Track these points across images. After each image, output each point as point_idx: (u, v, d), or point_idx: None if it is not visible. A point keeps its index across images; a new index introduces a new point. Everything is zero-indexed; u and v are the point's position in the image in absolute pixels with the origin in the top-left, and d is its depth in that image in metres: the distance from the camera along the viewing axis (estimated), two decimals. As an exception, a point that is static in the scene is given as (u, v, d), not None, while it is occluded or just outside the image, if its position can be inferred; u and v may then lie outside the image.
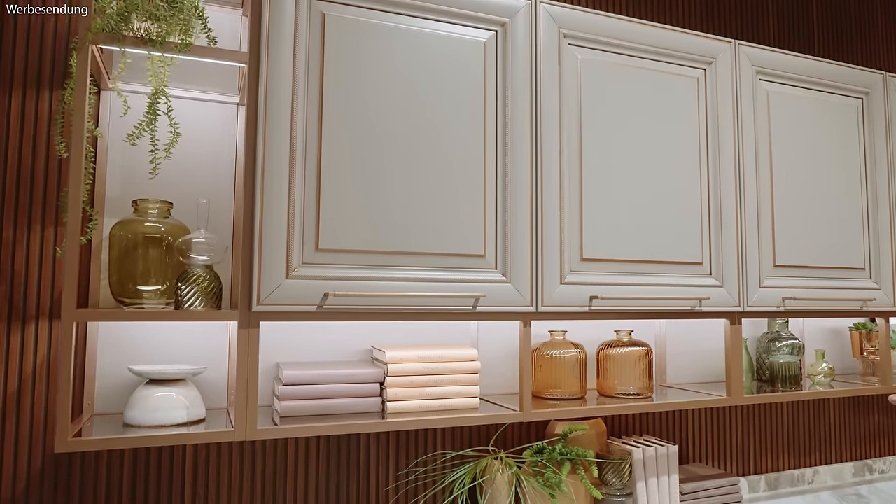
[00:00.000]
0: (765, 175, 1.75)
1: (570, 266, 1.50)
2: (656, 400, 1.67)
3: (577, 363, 1.68)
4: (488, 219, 1.43)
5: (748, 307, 1.69)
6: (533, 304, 1.45)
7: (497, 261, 1.44)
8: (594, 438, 1.75)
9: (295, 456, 1.55)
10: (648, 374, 1.71)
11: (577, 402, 1.65)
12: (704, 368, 2.03)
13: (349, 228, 1.31)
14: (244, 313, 1.24)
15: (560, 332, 1.72)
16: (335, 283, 1.28)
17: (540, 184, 1.48)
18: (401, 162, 1.36)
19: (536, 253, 1.46)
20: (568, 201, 1.50)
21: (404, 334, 1.67)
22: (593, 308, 1.51)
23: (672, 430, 1.97)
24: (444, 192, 1.39)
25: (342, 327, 1.62)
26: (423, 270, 1.37)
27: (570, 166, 1.52)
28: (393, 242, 1.34)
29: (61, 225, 1.41)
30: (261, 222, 1.24)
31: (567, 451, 1.62)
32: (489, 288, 1.41)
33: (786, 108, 1.81)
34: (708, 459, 2.02)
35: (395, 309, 1.33)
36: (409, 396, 1.45)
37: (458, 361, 1.50)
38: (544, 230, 1.47)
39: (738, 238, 1.69)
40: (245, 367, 1.23)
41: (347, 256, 1.31)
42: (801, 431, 2.18)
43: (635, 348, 1.71)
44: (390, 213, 1.34)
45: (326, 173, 1.30)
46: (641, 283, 1.56)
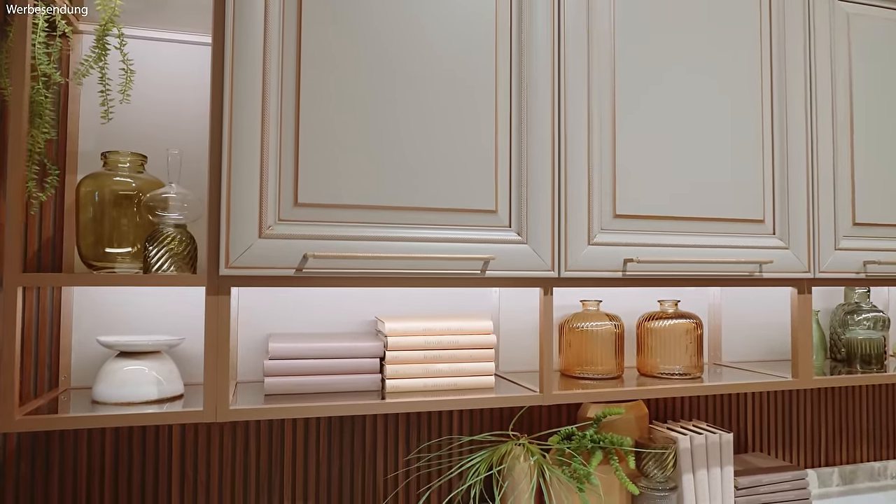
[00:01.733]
0: (843, 115, 1.46)
1: (601, 223, 1.27)
2: (707, 381, 1.43)
3: (613, 337, 1.46)
4: (500, 167, 1.22)
5: (820, 273, 1.42)
6: (554, 268, 1.24)
7: (511, 217, 1.23)
8: (633, 423, 1.53)
9: (293, 436, 1.41)
10: (698, 351, 1.47)
11: (613, 381, 1.43)
12: (767, 345, 1.77)
13: (333, 180, 1.13)
14: (211, 278, 1.08)
15: (593, 302, 1.50)
16: (316, 244, 1.11)
17: (563, 122, 1.25)
18: (391, 97, 1.16)
19: (558, 208, 1.24)
20: (598, 145, 1.27)
21: (419, 302, 1.49)
22: (628, 273, 1.28)
23: (727, 414, 1.73)
24: (447, 134, 1.19)
25: (349, 295, 1.45)
26: (420, 229, 1.17)
27: (601, 102, 1.28)
28: (384, 196, 1.15)
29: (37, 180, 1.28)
30: (228, 172, 1.07)
31: (599, 437, 1.41)
32: (501, 249, 1.20)
33: (869, 34, 1.50)
34: (770, 449, 1.77)
35: (385, 273, 1.15)
36: (411, 374, 1.27)
37: (469, 334, 1.31)
38: (568, 181, 1.25)
39: (809, 190, 1.42)
40: (214, 340, 1.08)
41: (330, 212, 1.13)
42: (882, 418, 1.89)
43: (682, 321, 1.48)
44: (381, 163, 1.15)
45: (306, 113, 1.12)
46: (688, 244, 1.32)
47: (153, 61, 1.36)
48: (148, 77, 1.35)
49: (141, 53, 1.35)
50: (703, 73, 1.35)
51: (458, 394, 1.25)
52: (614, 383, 1.41)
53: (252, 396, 1.22)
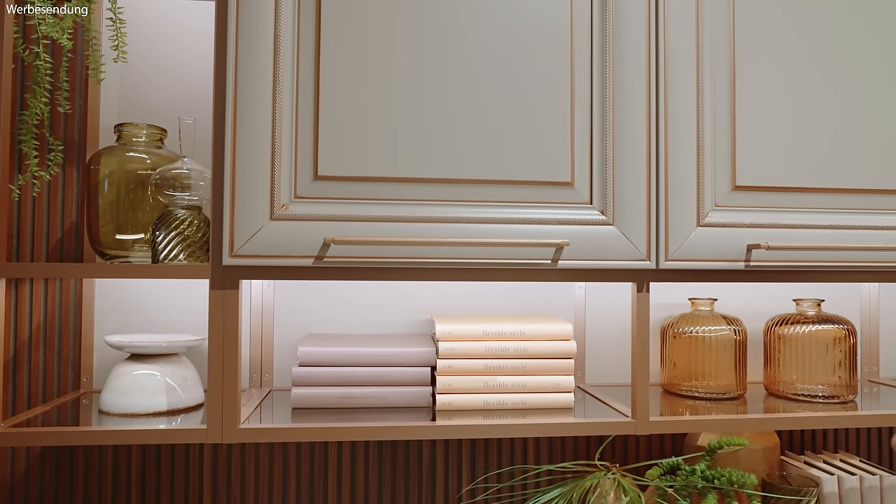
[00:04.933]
0: None
1: (715, 198, 0.97)
2: (863, 405, 1.09)
3: (733, 346, 1.15)
4: (578, 126, 0.94)
5: None
6: (651, 258, 0.95)
7: (592, 191, 0.95)
8: (759, 456, 1.20)
9: (338, 457, 1.20)
10: (850, 367, 1.12)
11: (732, 402, 1.12)
12: (943, 358, 1.37)
13: (362, 147, 0.90)
14: (215, 268, 0.89)
15: (707, 301, 1.19)
16: (340, 226, 0.89)
17: (662, 64, 0.95)
18: (435, 38, 0.92)
19: (656, 180, 0.95)
20: (710, 96, 0.96)
21: (486, 298, 1.24)
22: (752, 263, 0.96)
23: (885, 445, 1.34)
24: (510, 87, 0.93)
25: (403, 289, 1.23)
26: (473, 207, 0.92)
27: (713, 34, 0.97)
28: (427, 166, 0.91)
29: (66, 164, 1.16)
30: (233, 139, 0.87)
31: (713, 474, 1.10)
32: (579, 232, 0.93)
33: None
34: (948, 491, 1.36)
35: (428, 263, 0.91)
36: (468, 388, 1.03)
37: (543, 340, 1.05)
38: (669, 142, 0.95)
39: None
40: (220, 343, 0.89)
41: (359, 187, 0.90)
42: None
43: (828, 326, 1.13)
44: (423, 124, 0.91)
45: (328, 62, 0.90)
46: (833, 223, 0.98)
47: (187, 19, 1.19)
48: (182, 40, 1.19)
49: (172, 16, 1.19)
50: (850, 17, 1.00)
51: (525, 415, 0.99)
52: (733, 405, 1.10)
53: (281, 410, 1.02)
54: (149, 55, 1.18)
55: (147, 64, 1.18)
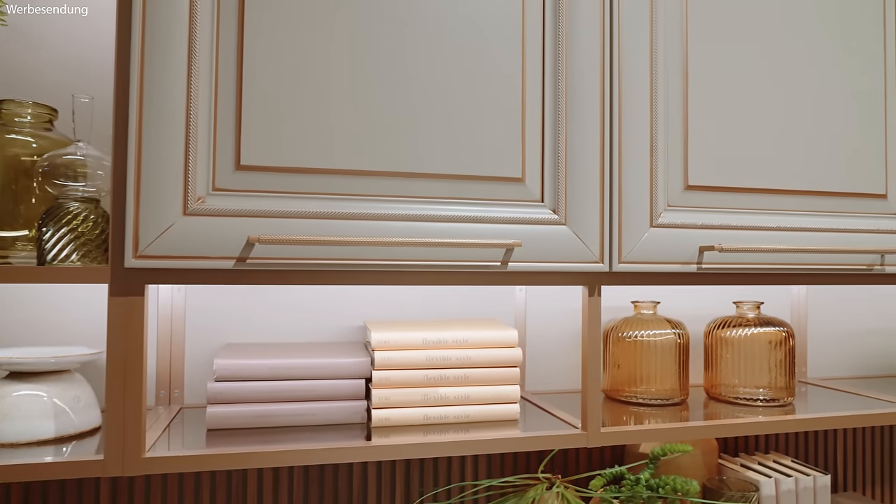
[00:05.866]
0: None
1: (668, 198, 0.93)
2: (800, 407, 1.08)
3: (676, 350, 1.12)
4: (529, 121, 0.88)
5: (960, 267, 1.05)
6: (604, 260, 0.89)
7: (544, 189, 0.88)
8: (700, 460, 1.19)
9: (258, 486, 1.09)
10: (788, 370, 1.12)
11: (675, 408, 1.09)
12: (863, 358, 1.41)
13: (293, 133, 0.79)
14: (115, 272, 0.76)
15: (650, 304, 1.16)
16: (266, 223, 0.78)
17: (616, 60, 0.90)
18: (384, 24, 0.83)
19: (610, 178, 0.90)
20: (663, 93, 0.92)
21: (423, 303, 1.16)
22: (705, 265, 0.93)
23: (812, 445, 1.37)
24: (459, 77, 0.85)
25: (334, 292, 1.12)
26: (417, 203, 0.84)
27: (667, 32, 0.93)
28: (369, 157, 0.82)
29: None
30: (138, 122, 0.74)
31: (659, 482, 1.07)
32: (531, 232, 0.86)
33: None
34: (866, 488, 1.41)
35: (370, 265, 0.82)
36: (407, 401, 0.94)
37: (487, 348, 0.98)
38: (623, 139, 0.90)
39: (947, 155, 1.05)
40: (120, 359, 0.76)
41: (289, 179, 0.80)
42: None
43: (768, 329, 1.12)
44: (365, 111, 0.82)
45: (254, 38, 0.78)
46: (783, 225, 0.97)
47: None
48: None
49: (57, -22, 1.03)
50: (799, 23, 0.99)
51: (469, 430, 0.92)
52: (676, 411, 1.07)
53: (194, 432, 0.90)
54: (36, 20, 1.02)
55: (34, 30, 1.02)
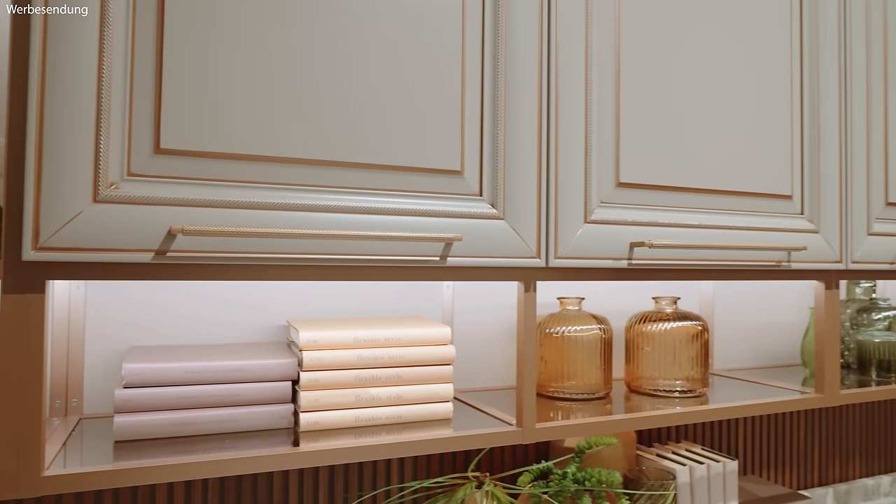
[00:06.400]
0: (877, 63, 1.19)
1: (600, 194, 0.94)
2: (710, 397, 1.14)
3: (601, 345, 1.14)
4: (469, 114, 0.86)
5: (852, 263, 1.14)
6: (541, 255, 0.89)
7: (482, 183, 0.87)
8: (620, 452, 1.22)
9: (168, 497, 1.00)
10: (703, 362, 1.17)
11: (600, 402, 1.11)
12: (765, 350, 1.50)
13: (218, 115, 0.73)
14: (9, 266, 0.66)
15: (575, 300, 1.17)
16: (188, 213, 0.71)
17: (554, 56, 0.90)
18: (317, 7, 0.78)
19: (547, 173, 0.90)
20: (597, 92, 0.93)
21: (347, 301, 1.11)
22: (635, 261, 0.95)
23: (717, 433, 1.44)
24: (398, 66, 0.81)
25: (251, 288, 1.05)
26: (352, 194, 0.79)
27: (601, 32, 0.94)
28: (299, 144, 0.77)
29: None
30: (40, 96, 0.65)
31: (585, 475, 1.08)
32: (469, 226, 0.85)
33: (904, -25, 1.24)
34: (762, 470, 1.50)
35: (299, 259, 0.76)
36: (338, 404, 0.90)
37: (419, 346, 0.95)
38: (560, 135, 0.90)
39: (842, 159, 1.14)
40: (15, 366, 0.66)
41: (214, 166, 0.73)
42: (874, 431, 1.67)
43: (685, 323, 1.17)
44: (298, 95, 0.76)
45: (173, 16, 0.71)
46: (706, 223, 1.01)
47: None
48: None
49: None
50: (723, 24, 1.03)
51: (402, 430, 0.89)
52: (600, 404, 1.09)
53: (98, 444, 0.81)
54: None
55: None
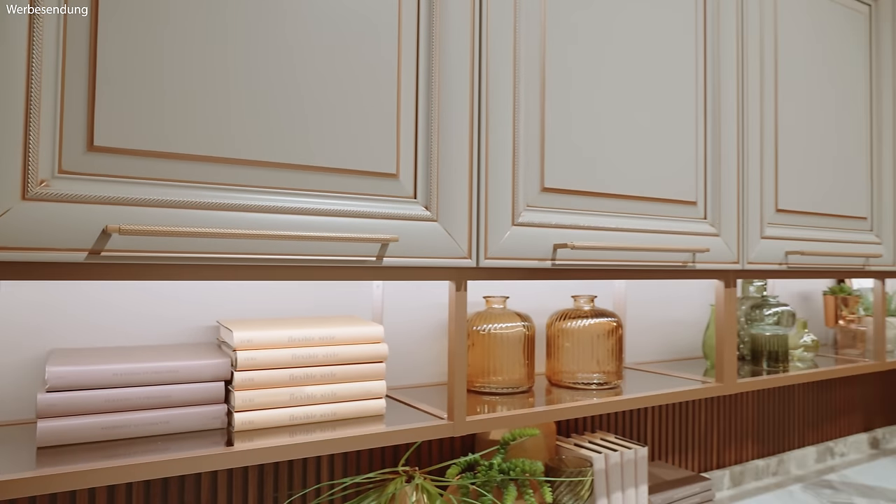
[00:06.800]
0: (769, 88, 1.32)
1: (527, 199, 0.99)
2: (623, 388, 1.22)
3: (524, 341, 1.20)
4: (404, 119, 0.89)
5: (748, 264, 1.26)
6: (472, 256, 0.93)
7: (417, 186, 0.90)
8: (542, 443, 1.28)
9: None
10: (618, 356, 1.25)
11: (523, 395, 1.16)
12: (665, 343, 1.62)
13: (153, 114, 0.72)
14: (-71, 264, 0.63)
15: (500, 299, 1.23)
16: (121, 211, 0.70)
17: (485, 63, 0.95)
18: (254, 9, 0.78)
19: (478, 177, 0.94)
20: (524, 102, 0.99)
21: (274, 301, 1.11)
22: (558, 261, 1.01)
23: (627, 422, 1.54)
24: (336, 71, 0.83)
25: (177, 290, 1.03)
26: (287, 195, 0.81)
27: (528, 41, 1.00)
28: (237, 145, 0.77)
29: None
30: (-37, 87, 0.63)
31: (509, 465, 1.14)
32: (404, 228, 0.88)
33: (792, 7, 1.37)
34: (667, 456, 1.62)
35: (237, 259, 0.77)
36: (273, 402, 0.90)
37: (353, 344, 0.97)
38: (490, 143, 0.95)
39: (740, 170, 1.25)
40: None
41: (148, 164, 0.73)
42: (766, 416, 1.83)
43: (602, 320, 1.25)
44: (235, 95, 0.77)
45: (108, 10, 0.70)
46: (621, 227, 1.08)
47: None
48: None
49: None
50: (639, 41, 1.11)
51: (336, 427, 0.90)
52: (524, 398, 1.15)
53: (16, 451, 0.78)
54: None
55: None
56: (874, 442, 2.12)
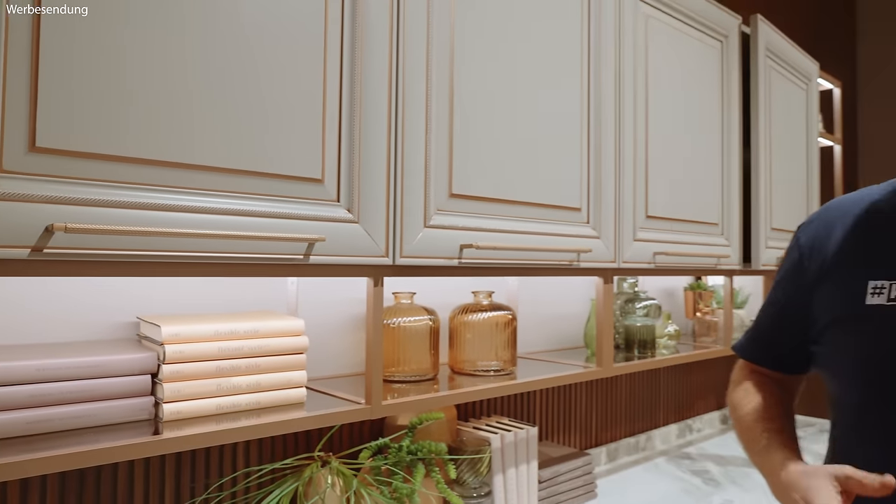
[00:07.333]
0: (641, 108, 1.51)
1: (437, 203, 1.10)
2: (518, 374, 1.36)
3: (430, 333, 1.31)
4: (329, 130, 0.97)
5: (623, 263, 1.44)
6: (389, 255, 1.03)
7: (340, 191, 0.98)
8: (444, 427, 1.40)
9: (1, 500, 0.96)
10: (512, 345, 1.39)
11: (429, 383, 1.27)
12: (552, 335, 1.79)
13: (95, 115, 0.76)
14: None
15: (407, 294, 1.33)
16: (67, 210, 0.73)
17: (401, 91, 1.04)
18: (181, 12, 0.83)
19: (395, 182, 1.04)
20: (435, 116, 1.09)
21: (189, 297, 1.15)
22: (464, 260, 1.13)
23: (518, 405, 1.70)
24: (268, 83, 0.90)
25: (88, 287, 1.04)
26: (224, 197, 0.87)
27: (439, 73, 1.11)
28: (174, 149, 0.82)
29: None
30: None
31: (417, 447, 1.24)
32: (328, 228, 0.96)
33: (661, 38, 1.58)
34: (555, 435, 1.79)
35: (175, 256, 0.82)
36: (200, 393, 0.95)
37: (276, 336, 1.03)
38: (405, 153, 1.05)
39: (617, 180, 1.43)
40: None
41: (91, 166, 0.76)
42: (636, 399, 2.07)
43: (498, 313, 1.38)
44: (167, 101, 0.82)
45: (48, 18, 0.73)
46: (518, 229, 1.22)
47: None
48: None
49: None
50: (534, 58, 1.26)
51: (261, 415, 0.97)
52: (429, 385, 1.26)
53: (-63, 447, 0.78)
54: None
55: None
56: (724, 418, 2.44)
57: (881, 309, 0.79)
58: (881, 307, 0.79)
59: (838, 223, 0.87)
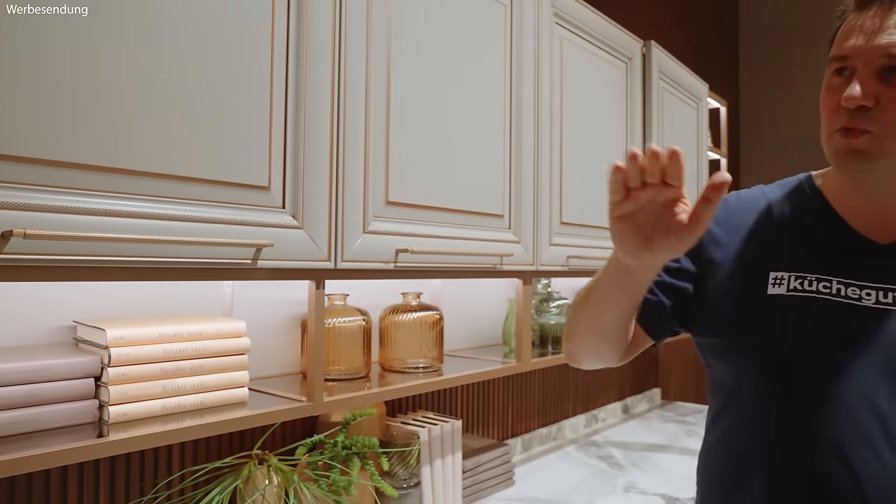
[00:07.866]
0: (556, 123, 1.64)
1: (374, 210, 1.17)
2: (445, 371, 1.45)
3: (362, 333, 1.37)
4: (275, 141, 1.01)
5: (540, 266, 1.56)
6: (331, 259, 1.08)
7: (285, 198, 1.03)
8: (375, 423, 1.46)
9: (-72, 506, 0.94)
10: (440, 343, 1.48)
11: (362, 380, 1.33)
12: (474, 333, 1.89)
13: (42, 120, 0.77)
14: None
15: (340, 296, 1.38)
16: (17, 216, 0.75)
17: (342, 105, 1.10)
18: (131, 20, 0.86)
19: (336, 190, 1.09)
20: (373, 127, 1.16)
21: (125, 301, 1.15)
22: (400, 264, 1.20)
23: (441, 401, 1.79)
24: (215, 90, 0.93)
25: (36, 294, 1.03)
26: (175, 204, 0.90)
27: (377, 90, 1.17)
28: (128, 156, 0.84)
29: None
30: None
31: (351, 442, 1.30)
32: (274, 234, 1.00)
33: (574, 58, 1.72)
34: (476, 428, 1.90)
35: (128, 261, 0.84)
36: (146, 395, 0.97)
37: (219, 338, 1.06)
38: (346, 163, 1.11)
39: (535, 189, 1.55)
40: None
41: (39, 172, 0.77)
42: (548, 392, 2.21)
43: (427, 313, 1.46)
44: (115, 107, 0.84)
45: (8, 24, 0.74)
46: (448, 235, 1.31)
47: None
48: None
49: None
50: (461, 76, 1.35)
51: (205, 415, 1.00)
52: (362, 382, 1.32)
53: None
54: None
55: None
56: (625, 408, 2.64)
57: (780, 298, 0.84)
58: (781, 297, 0.84)
59: (741, 215, 0.92)
